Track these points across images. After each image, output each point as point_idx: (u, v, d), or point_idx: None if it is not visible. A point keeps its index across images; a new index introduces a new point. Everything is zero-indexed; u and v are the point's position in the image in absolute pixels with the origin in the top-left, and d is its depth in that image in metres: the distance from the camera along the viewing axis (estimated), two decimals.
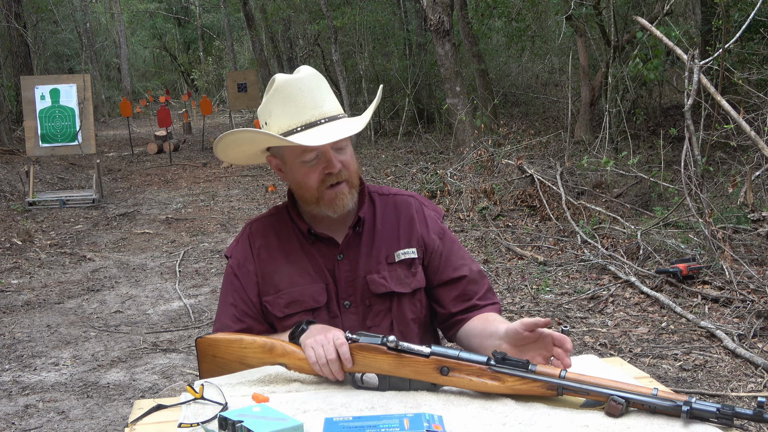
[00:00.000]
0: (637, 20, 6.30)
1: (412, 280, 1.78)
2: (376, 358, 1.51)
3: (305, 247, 1.78)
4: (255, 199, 9.37)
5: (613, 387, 1.37)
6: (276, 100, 1.67)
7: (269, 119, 1.69)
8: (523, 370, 1.43)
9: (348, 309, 1.75)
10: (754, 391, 3.45)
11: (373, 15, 14.43)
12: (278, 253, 1.79)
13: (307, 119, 1.65)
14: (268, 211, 1.88)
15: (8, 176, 10.23)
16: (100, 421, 3.50)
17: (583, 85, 10.65)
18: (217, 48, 28.82)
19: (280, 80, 1.67)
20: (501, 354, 1.45)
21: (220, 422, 1.34)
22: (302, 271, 1.76)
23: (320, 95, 1.68)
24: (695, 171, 5.15)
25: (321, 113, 1.66)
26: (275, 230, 1.82)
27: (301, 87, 1.66)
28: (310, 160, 1.67)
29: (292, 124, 1.65)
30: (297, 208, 1.82)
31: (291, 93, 1.65)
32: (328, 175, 1.68)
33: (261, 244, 1.81)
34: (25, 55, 15.29)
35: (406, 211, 1.83)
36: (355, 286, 1.75)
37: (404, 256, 1.78)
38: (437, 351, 1.48)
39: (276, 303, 1.76)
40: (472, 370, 1.46)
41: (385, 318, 1.77)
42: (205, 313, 5.09)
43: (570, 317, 4.60)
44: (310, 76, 1.68)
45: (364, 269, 1.76)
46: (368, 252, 1.77)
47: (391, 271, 1.76)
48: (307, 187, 1.71)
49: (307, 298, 1.74)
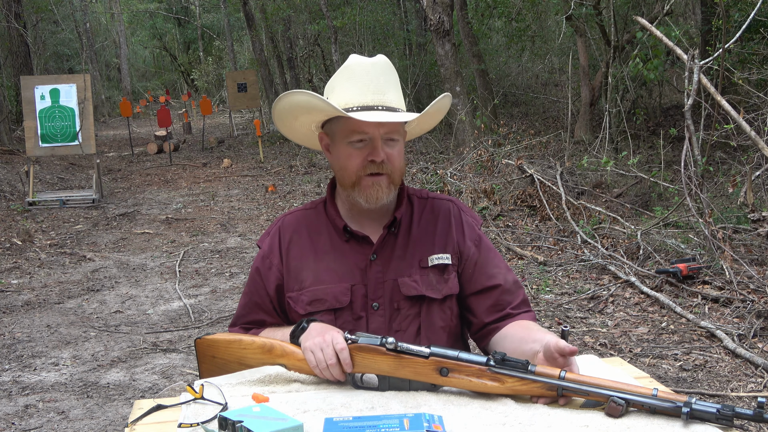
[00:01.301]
0: (637, 20, 6.30)
1: (443, 287, 1.73)
2: (376, 359, 1.50)
3: (337, 245, 1.76)
4: (255, 199, 9.37)
5: (612, 388, 1.37)
6: (341, 76, 1.68)
7: (331, 94, 1.69)
8: (522, 371, 1.42)
9: (376, 311, 1.72)
10: (754, 391, 3.45)
11: (373, 15, 14.44)
12: (308, 249, 1.77)
13: (366, 102, 1.65)
14: (304, 205, 1.87)
15: (8, 176, 10.23)
16: (100, 421, 3.50)
17: (583, 85, 10.65)
18: (217, 48, 28.82)
19: (352, 59, 1.69)
20: (501, 354, 1.44)
21: (220, 422, 1.34)
22: (330, 269, 1.74)
23: (386, 84, 1.67)
24: (695, 171, 5.15)
25: (381, 100, 1.66)
26: (307, 225, 1.80)
27: (369, 70, 1.66)
28: (356, 141, 1.66)
29: (351, 102, 1.65)
30: (335, 202, 1.80)
31: (357, 73, 1.66)
32: (371, 162, 1.66)
33: (291, 238, 1.79)
34: (25, 55, 15.29)
35: (444, 215, 1.80)
36: (384, 288, 1.72)
37: (438, 261, 1.74)
38: (436, 351, 1.47)
39: (299, 300, 1.74)
40: (471, 371, 1.45)
41: (413, 323, 1.72)
42: (205, 313, 5.09)
43: (570, 317, 4.60)
44: (382, 63, 1.69)
45: (395, 271, 1.72)
46: (402, 254, 1.74)
47: (423, 276, 1.73)
48: (347, 170, 1.69)
49: (330, 297, 1.71)
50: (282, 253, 1.78)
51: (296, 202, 8.98)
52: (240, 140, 15.99)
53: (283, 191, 9.75)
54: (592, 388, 1.38)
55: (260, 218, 8.22)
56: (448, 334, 1.77)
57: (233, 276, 6.00)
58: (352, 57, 1.70)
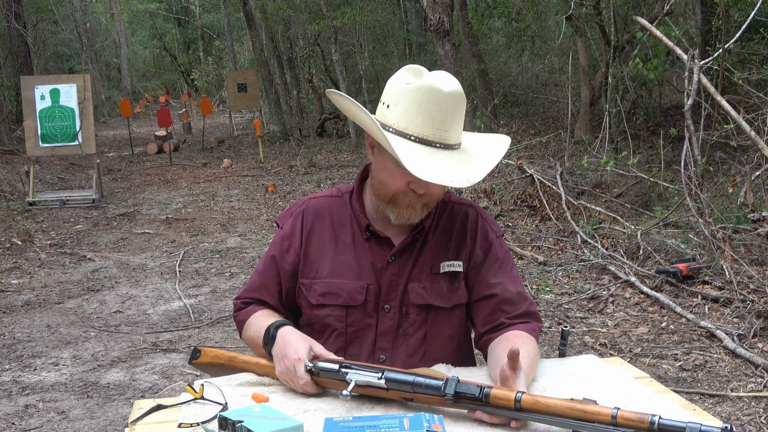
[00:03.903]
0: (637, 20, 6.30)
1: (453, 295, 1.71)
2: (343, 386, 1.47)
3: (358, 240, 1.72)
4: (255, 199, 9.37)
5: (569, 415, 1.29)
6: (410, 97, 1.55)
7: (394, 106, 1.57)
8: (477, 402, 1.36)
9: (387, 313, 1.70)
10: (753, 391, 3.45)
11: (373, 15, 14.43)
12: (329, 239, 1.74)
13: (426, 134, 1.55)
14: (329, 191, 1.81)
15: (8, 176, 10.23)
16: (100, 421, 3.50)
17: (583, 85, 10.65)
18: (217, 48, 28.82)
19: (428, 84, 1.55)
20: (454, 380, 1.38)
21: (220, 422, 1.34)
22: (348, 264, 1.71)
23: (452, 120, 1.56)
24: (695, 171, 5.15)
25: (441, 137, 1.56)
26: (331, 214, 1.76)
27: (440, 102, 1.54)
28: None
29: (410, 128, 1.55)
30: (362, 196, 1.77)
31: (428, 102, 1.54)
32: (413, 192, 1.61)
33: (313, 224, 1.75)
34: (25, 55, 15.28)
35: (462, 221, 1.76)
36: (397, 292, 1.70)
37: (449, 268, 1.71)
38: (392, 383, 1.42)
39: (312, 288, 1.72)
40: (432, 400, 1.41)
41: (420, 329, 1.70)
42: (205, 313, 5.09)
43: (570, 317, 4.60)
44: (456, 95, 1.55)
45: (407, 276, 1.70)
46: (416, 259, 1.71)
47: (434, 282, 1.70)
48: (385, 186, 1.64)
49: (345, 293, 1.69)
50: (303, 236, 1.75)
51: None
52: (240, 140, 15.99)
53: (283, 191, 9.75)
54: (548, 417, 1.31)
55: (260, 218, 8.22)
56: (456, 343, 1.75)
57: (233, 276, 6.00)
58: (429, 77, 1.57)
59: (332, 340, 1.71)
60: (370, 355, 1.70)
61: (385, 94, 1.62)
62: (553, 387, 1.53)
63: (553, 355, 3.46)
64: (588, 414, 1.28)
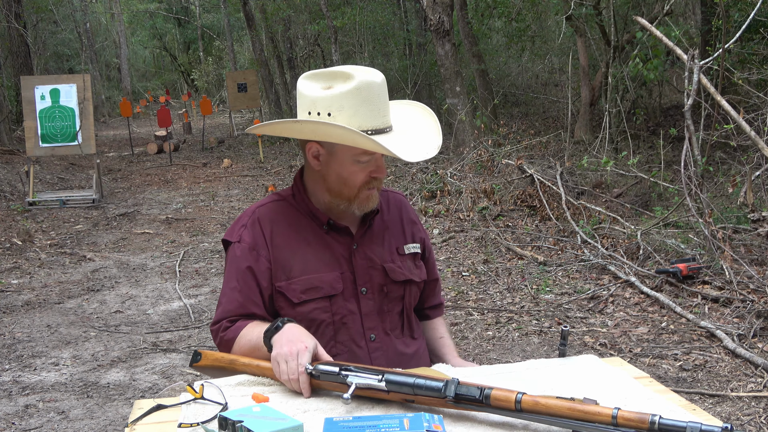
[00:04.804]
0: (637, 20, 6.30)
1: (419, 272, 1.91)
2: (344, 388, 1.47)
3: (318, 235, 1.81)
4: (255, 199, 9.37)
5: (569, 415, 1.30)
6: (353, 98, 1.64)
7: (337, 113, 1.65)
8: (478, 403, 1.37)
9: (365, 295, 1.81)
10: (753, 390, 3.45)
11: (373, 15, 14.43)
12: (293, 240, 1.80)
13: (378, 125, 1.67)
14: (269, 198, 1.88)
15: (8, 176, 10.23)
16: (100, 421, 3.50)
17: (583, 85, 10.65)
18: (217, 48, 28.83)
19: (362, 80, 1.65)
20: (454, 381, 1.39)
21: (220, 422, 1.34)
22: (317, 258, 1.79)
23: (387, 104, 1.72)
24: (695, 171, 5.15)
25: (386, 122, 1.70)
26: (285, 217, 1.82)
27: (378, 93, 1.67)
28: (364, 161, 1.72)
29: (364, 125, 1.65)
30: (308, 196, 1.83)
31: (370, 96, 1.65)
32: (374, 178, 1.75)
33: (273, 229, 1.80)
34: (25, 55, 15.29)
35: (405, 209, 1.97)
36: (372, 274, 1.82)
37: (413, 249, 1.91)
38: (393, 385, 1.43)
39: (290, 289, 1.77)
40: (433, 402, 1.42)
41: (398, 304, 1.86)
42: (205, 313, 5.09)
43: (570, 317, 4.60)
44: (384, 82, 1.71)
45: (380, 258, 1.84)
46: (381, 243, 1.86)
47: (403, 262, 1.88)
48: (349, 185, 1.74)
49: (325, 285, 1.77)
50: (267, 242, 1.79)
51: None
52: (240, 140, 15.99)
53: None
54: (548, 417, 1.32)
55: None
56: (413, 312, 1.97)
57: None
58: (359, 75, 1.66)
59: (321, 332, 1.76)
60: (361, 335, 1.80)
61: (314, 106, 1.66)
62: (554, 387, 1.53)
63: (553, 355, 3.46)
64: (588, 414, 1.28)
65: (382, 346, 1.82)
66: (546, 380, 1.58)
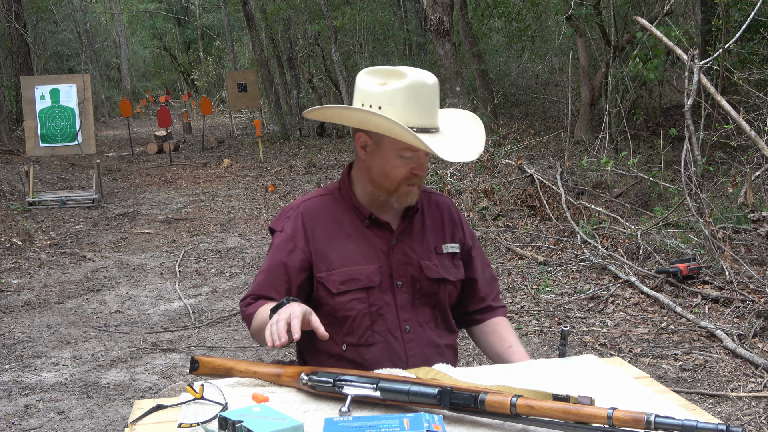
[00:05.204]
0: (637, 20, 6.30)
1: (456, 271, 1.96)
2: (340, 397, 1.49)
3: (359, 229, 1.89)
4: (255, 199, 9.37)
5: (565, 418, 1.31)
6: (404, 95, 1.72)
7: (387, 108, 1.72)
8: (474, 409, 1.38)
9: (401, 288, 1.88)
10: (754, 391, 3.45)
11: (373, 15, 14.43)
12: (333, 233, 1.88)
13: (424, 124, 1.74)
14: (316, 192, 1.98)
15: (8, 176, 10.23)
16: (100, 421, 3.50)
17: (583, 85, 10.65)
18: (217, 48, 28.81)
19: (415, 80, 1.73)
20: (448, 391, 1.39)
21: (220, 422, 1.34)
22: (357, 251, 1.86)
23: (436, 106, 1.78)
24: (695, 171, 5.15)
25: (433, 123, 1.77)
26: (328, 210, 1.91)
27: (428, 93, 1.74)
28: (407, 156, 1.78)
29: (411, 122, 1.71)
30: (353, 190, 1.92)
31: (420, 95, 1.73)
32: (415, 175, 1.81)
33: (315, 223, 1.89)
34: (25, 55, 15.29)
35: (447, 210, 2.02)
36: (407, 269, 1.88)
37: (451, 249, 1.96)
38: (388, 393, 1.43)
39: (330, 279, 1.85)
40: (430, 407, 1.43)
41: (431, 299, 1.91)
42: (205, 313, 5.09)
43: (570, 317, 4.60)
44: (436, 84, 1.77)
45: (417, 255, 1.90)
46: (420, 241, 1.92)
47: (440, 261, 1.93)
48: (390, 178, 1.81)
49: (363, 277, 1.84)
50: (308, 236, 1.88)
51: None
52: (240, 140, 15.99)
53: (283, 191, 9.75)
54: (543, 418, 1.33)
55: (260, 218, 8.22)
56: (449, 310, 1.99)
57: (233, 276, 6.00)
58: (412, 74, 1.74)
59: (358, 322, 1.84)
60: (397, 327, 1.87)
61: (367, 99, 1.76)
62: (553, 387, 1.53)
63: (553, 355, 3.46)
64: (584, 416, 1.28)
65: (416, 337, 1.89)
66: (546, 380, 1.58)
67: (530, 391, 1.38)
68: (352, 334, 1.84)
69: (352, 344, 1.85)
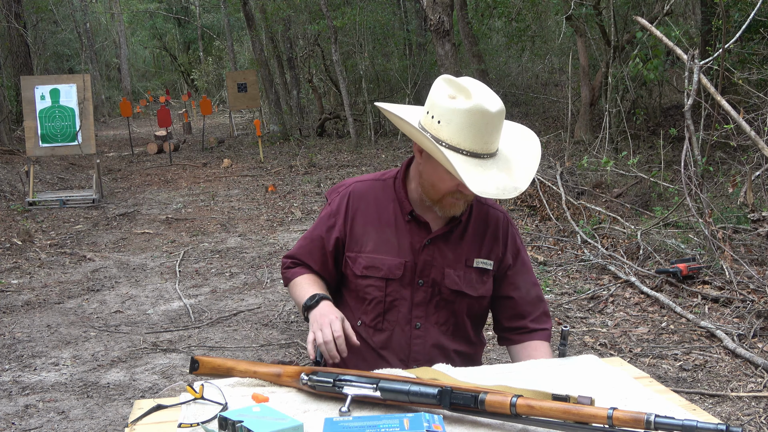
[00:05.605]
0: (637, 20, 6.30)
1: (480, 287, 1.95)
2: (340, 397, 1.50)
3: (399, 221, 1.93)
4: (255, 199, 9.37)
5: (564, 418, 1.31)
6: (464, 117, 1.70)
7: (446, 124, 1.72)
8: (474, 409, 1.38)
9: (420, 287, 1.92)
10: (754, 391, 3.45)
11: (373, 15, 14.42)
12: (372, 219, 1.95)
13: (476, 149, 1.72)
14: (374, 175, 2.03)
15: (8, 176, 10.23)
16: (100, 421, 3.50)
17: (583, 85, 10.65)
18: (217, 48, 28.81)
19: (478, 104, 1.70)
20: (448, 391, 1.39)
21: (220, 422, 1.34)
22: (389, 242, 1.92)
23: (496, 134, 1.75)
24: (695, 171, 5.15)
25: (487, 148, 1.74)
26: (376, 196, 1.97)
27: (489, 122, 1.71)
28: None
29: (463, 144, 1.71)
30: (407, 183, 1.96)
31: (479, 122, 1.70)
32: (460, 192, 1.81)
33: (359, 205, 1.96)
34: (25, 55, 15.29)
35: (494, 225, 1.98)
36: (431, 271, 1.91)
37: (482, 264, 1.94)
38: (388, 393, 1.43)
39: (357, 261, 1.94)
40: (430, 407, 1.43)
41: (446, 307, 1.93)
42: (205, 313, 5.09)
43: (570, 317, 4.60)
44: (501, 113, 1.73)
45: (445, 261, 1.91)
46: (454, 248, 1.93)
47: (467, 273, 1.93)
48: (436, 189, 1.84)
49: (385, 268, 1.91)
50: (348, 216, 1.96)
51: (296, 202, 8.98)
52: (240, 140, 15.99)
53: (283, 191, 9.75)
54: (543, 418, 1.33)
55: (260, 218, 8.22)
56: (472, 321, 1.99)
57: (233, 276, 6.00)
58: (479, 97, 1.71)
59: (372, 307, 1.93)
60: (408, 321, 1.92)
61: (432, 108, 1.76)
62: (553, 387, 1.53)
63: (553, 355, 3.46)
64: (584, 416, 1.28)
65: (425, 335, 1.92)
66: (546, 380, 1.58)
67: (530, 391, 1.38)
68: (367, 314, 1.94)
69: (366, 324, 1.94)
